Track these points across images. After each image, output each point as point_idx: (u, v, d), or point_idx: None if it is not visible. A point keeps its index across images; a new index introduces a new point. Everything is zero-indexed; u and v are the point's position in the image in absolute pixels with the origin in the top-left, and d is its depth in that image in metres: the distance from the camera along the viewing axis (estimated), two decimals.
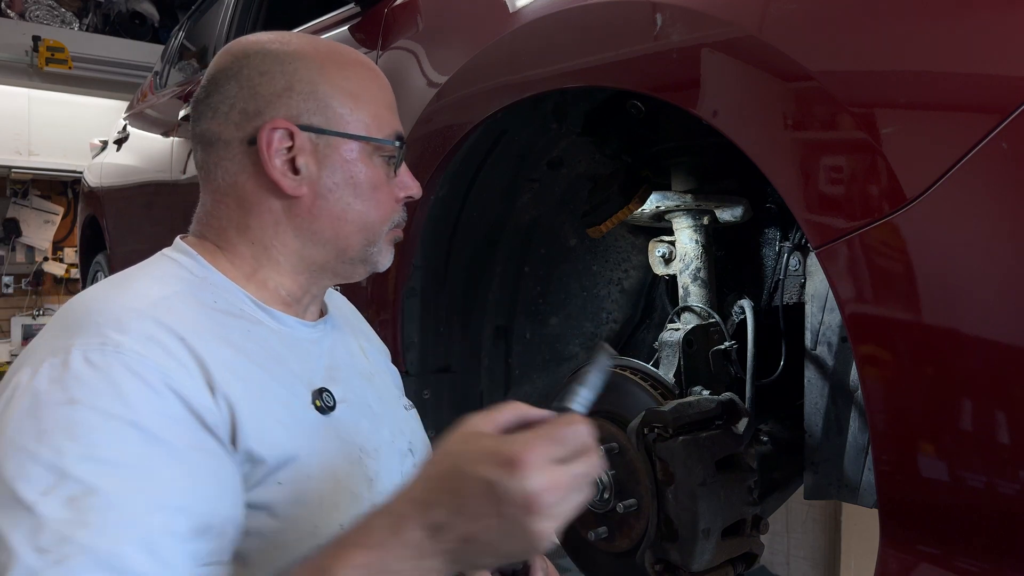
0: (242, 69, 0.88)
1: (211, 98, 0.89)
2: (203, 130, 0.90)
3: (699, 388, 1.30)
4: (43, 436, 0.68)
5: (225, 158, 0.89)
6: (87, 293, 0.83)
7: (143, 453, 0.70)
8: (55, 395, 0.70)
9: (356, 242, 0.93)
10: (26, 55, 5.80)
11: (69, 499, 0.65)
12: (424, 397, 1.63)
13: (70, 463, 0.67)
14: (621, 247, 1.73)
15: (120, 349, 0.73)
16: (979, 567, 0.78)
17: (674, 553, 1.16)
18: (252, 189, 0.89)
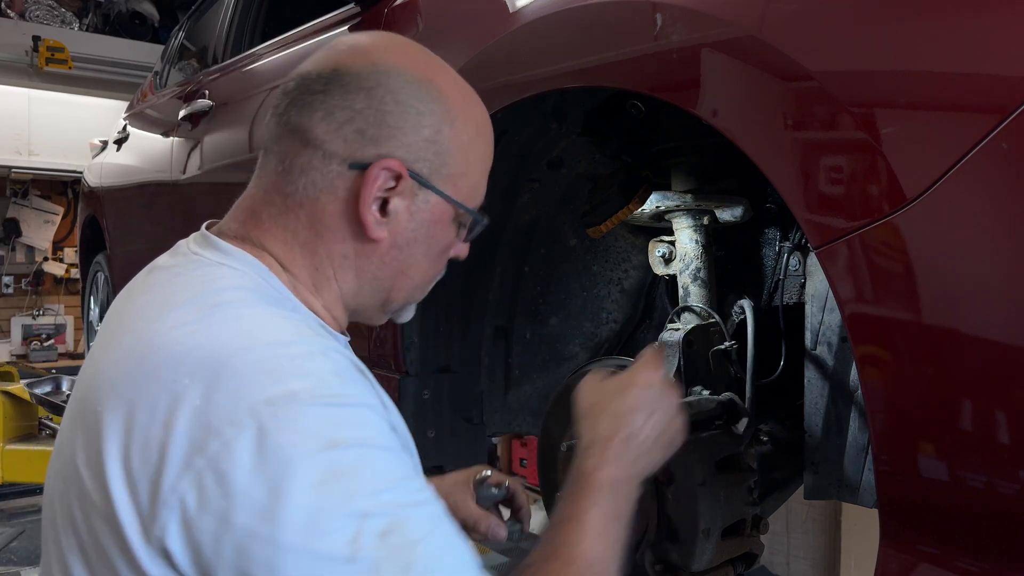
0: (379, 86, 0.79)
1: (331, 97, 0.79)
2: (305, 125, 0.79)
3: (699, 388, 1.30)
4: (321, 487, 0.64)
5: (316, 168, 0.79)
6: (212, 335, 0.70)
7: (401, 469, 0.70)
8: (310, 444, 0.65)
9: (404, 296, 0.90)
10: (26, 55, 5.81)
11: (381, 534, 0.64)
12: (424, 397, 1.63)
13: (364, 503, 0.65)
14: (621, 247, 1.73)
15: (345, 384, 0.71)
16: (979, 567, 0.78)
17: (674, 553, 1.16)
18: (333, 214, 0.80)
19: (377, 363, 1.70)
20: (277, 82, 2.26)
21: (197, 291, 0.75)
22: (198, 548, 0.64)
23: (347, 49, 0.82)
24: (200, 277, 0.78)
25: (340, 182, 0.80)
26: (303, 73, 0.82)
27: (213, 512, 0.63)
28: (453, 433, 1.68)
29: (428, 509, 0.69)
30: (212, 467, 0.63)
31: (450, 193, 0.84)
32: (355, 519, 0.64)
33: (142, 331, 0.73)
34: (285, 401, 0.65)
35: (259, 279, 0.79)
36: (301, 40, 2.20)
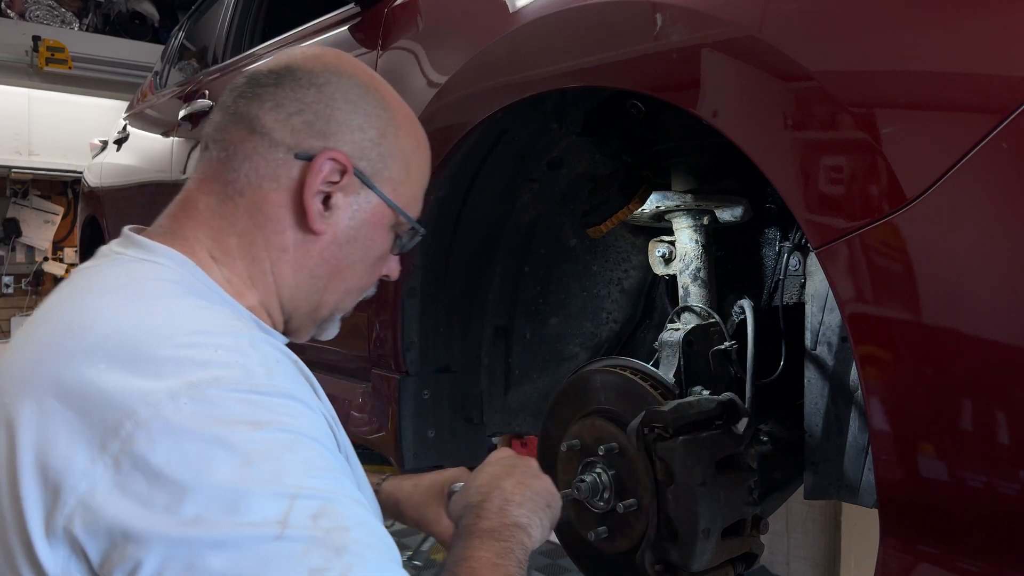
0: (330, 83, 0.83)
1: (281, 89, 0.82)
2: (253, 114, 0.81)
3: (699, 388, 1.30)
4: (246, 467, 0.62)
5: (261, 155, 0.81)
6: (128, 320, 0.69)
7: (333, 462, 0.69)
8: (235, 424, 0.63)
9: (334, 303, 0.90)
10: (26, 55, 5.81)
11: (312, 516, 0.62)
12: (424, 397, 1.63)
13: (291, 484, 0.63)
14: (621, 247, 1.73)
15: (255, 375, 0.68)
16: (979, 567, 0.78)
17: (674, 553, 1.16)
18: (275, 203, 0.81)
19: (377, 363, 1.70)
20: None
21: (119, 283, 0.75)
22: (108, 536, 0.61)
23: (300, 53, 0.87)
24: (122, 272, 0.77)
25: (284, 171, 0.81)
26: (253, 71, 0.85)
27: (131, 497, 0.60)
28: (453, 433, 1.68)
29: (359, 504, 0.68)
30: (127, 451, 0.61)
31: (391, 197, 0.86)
32: (284, 498, 0.62)
33: (57, 321, 0.72)
34: (207, 385, 0.64)
35: (185, 273, 0.78)
36: (301, 40, 2.20)
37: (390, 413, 1.64)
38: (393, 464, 1.69)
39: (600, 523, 1.26)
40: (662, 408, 1.17)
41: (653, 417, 1.16)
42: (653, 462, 1.16)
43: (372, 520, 0.68)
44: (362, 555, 0.63)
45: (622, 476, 1.22)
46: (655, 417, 1.16)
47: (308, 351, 2.14)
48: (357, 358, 1.82)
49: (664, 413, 1.16)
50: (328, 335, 0.94)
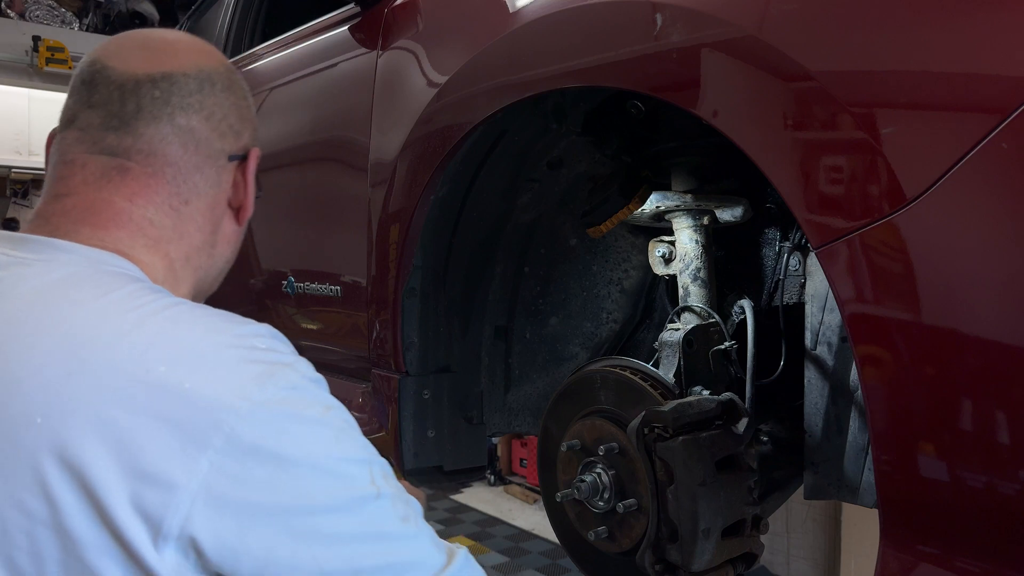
0: (234, 84, 0.87)
1: (204, 96, 0.84)
2: (191, 125, 0.83)
3: (699, 388, 1.30)
4: (337, 441, 0.71)
5: (207, 165, 0.85)
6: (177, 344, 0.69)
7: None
8: (314, 409, 0.71)
9: (215, 287, 0.94)
10: (26, 55, 5.82)
11: (383, 475, 0.73)
12: (424, 397, 1.63)
13: (364, 452, 0.74)
14: (621, 247, 1.73)
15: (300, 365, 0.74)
16: (979, 567, 0.78)
17: (674, 553, 1.16)
18: (219, 202, 0.88)
19: (377, 363, 1.70)
20: (277, 82, 2.27)
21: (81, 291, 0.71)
22: (223, 532, 0.64)
23: (198, 50, 0.88)
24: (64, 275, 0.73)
25: (225, 175, 0.88)
26: (172, 75, 0.83)
27: (247, 483, 0.64)
28: (453, 433, 1.68)
29: None
30: (233, 440, 0.64)
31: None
32: (365, 464, 0.72)
33: (54, 335, 0.67)
34: (281, 374, 0.69)
35: (139, 278, 0.77)
36: (301, 40, 2.20)
37: (390, 413, 1.64)
38: (393, 464, 1.70)
39: (600, 523, 1.26)
40: (662, 408, 1.17)
41: (653, 417, 1.16)
42: (653, 462, 1.16)
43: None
44: (410, 500, 0.76)
45: (622, 476, 1.22)
46: (655, 417, 1.16)
47: (308, 351, 2.14)
48: (357, 358, 1.82)
49: (664, 413, 1.16)
50: None
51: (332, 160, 1.98)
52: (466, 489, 4.51)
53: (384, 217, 1.64)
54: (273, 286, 2.19)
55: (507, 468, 4.68)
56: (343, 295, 1.88)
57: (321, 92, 2.05)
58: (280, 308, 2.19)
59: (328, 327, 2.02)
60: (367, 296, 1.72)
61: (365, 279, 1.73)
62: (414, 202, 1.53)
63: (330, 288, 1.92)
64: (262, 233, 2.31)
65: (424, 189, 1.50)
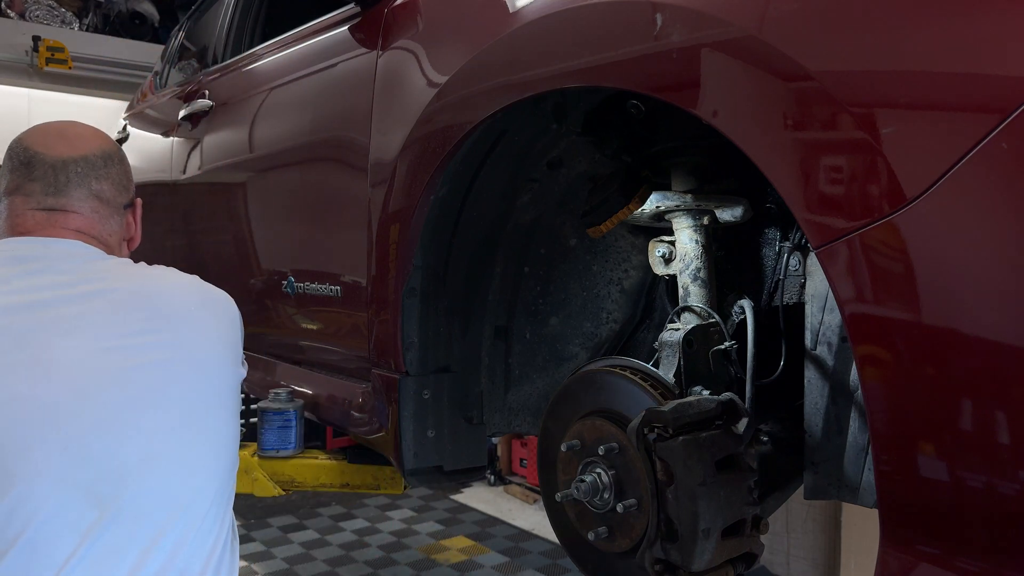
0: (123, 157, 1.33)
1: (109, 169, 1.28)
2: (102, 190, 1.26)
3: (699, 388, 1.30)
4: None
5: (114, 215, 1.29)
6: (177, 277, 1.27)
7: None
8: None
9: None
10: (26, 55, 5.81)
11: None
12: (424, 397, 1.63)
13: None
14: (621, 247, 1.73)
15: None
16: (979, 567, 0.78)
17: (674, 553, 1.16)
18: (119, 239, 1.32)
19: (377, 363, 1.70)
20: (277, 82, 2.27)
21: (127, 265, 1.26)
22: None
23: (102, 140, 1.31)
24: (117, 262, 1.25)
25: (121, 219, 1.32)
26: (92, 158, 1.27)
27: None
28: (453, 433, 1.68)
29: None
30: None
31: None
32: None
33: (134, 294, 1.19)
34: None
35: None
36: (301, 40, 2.20)
37: (390, 413, 1.64)
38: (393, 464, 1.70)
39: (600, 523, 1.26)
40: (662, 408, 1.17)
41: (653, 417, 1.16)
42: (653, 462, 1.16)
43: None
44: None
45: (622, 476, 1.22)
46: (655, 417, 1.16)
47: (308, 351, 2.14)
48: (357, 358, 1.82)
49: (664, 413, 1.16)
50: None
51: (332, 160, 1.98)
52: (466, 489, 4.51)
53: (384, 217, 1.64)
54: (273, 286, 2.19)
55: (507, 468, 4.68)
56: (343, 295, 1.88)
57: (321, 92, 2.05)
58: (280, 308, 2.19)
59: (328, 327, 2.02)
60: (367, 296, 1.72)
61: (365, 279, 1.73)
62: (414, 202, 1.53)
63: (330, 288, 1.92)
64: (262, 233, 2.31)
65: (424, 189, 1.50)
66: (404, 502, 4.25)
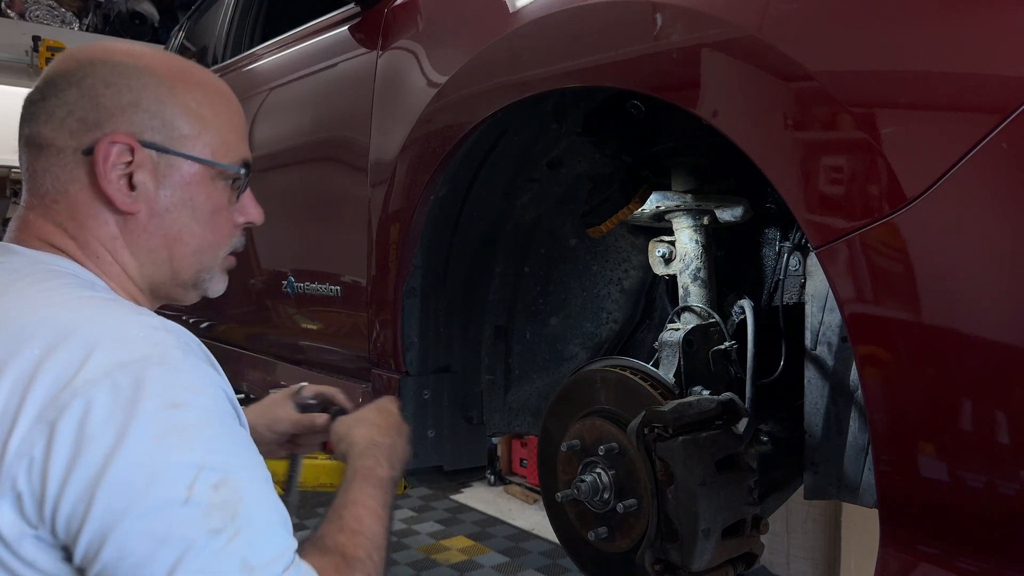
0: (86, 77, 0.86)
1: (48, 101, 0.86)
2: (33, 132, 0.87)
3: (699, 388, 1.30)
4: (162, 439, 0.72)
5: (56, 165, 0.86)
6: (60, 309, 0.78)
7: (237, 434, 0.81)
8: (156, 402, 0.73)
9: (190, 265, 0.93)
10: (26, 55, 5.81)
11: (213, 486, 0.73)
12: (424, 397, 1.63)
13: (200, 457, 0.74)
14: (621, 247, 1.73)
15: (189, 351, 0.79)
16: (979, 567, 0.78)
17: (674, 553, 1.16)
18: (84, 200, 0.86)
19: (377, 363, 1.70)
20: (277, 82, 2.27)
21: (19, 283, 0.81)
22: (43, 492, 0.70)
23: (56, 60, 0.90)
24: (18, 274, 0.83)
25: (79, 169, 0.86)
26: (28, 95, 0.89)
27: (62, 455, 0.70)
28: (453, 433, 1.68)
29: (257, 474, 0.80)
30: (66, 417, 0.71)
31: (194, 153, 0.89)
32: (191, 468, 0.73)
33: None
34: (137, 364, 0.73)
35: (75, 273, 0.85)
36: (301, 40, 2.20)
37: None
38: None
39: (600, 523, 1.26)
40: (662, 408, 1.17)
41: (653, 417, 1.16)
42: (653, 462, 1.16)
43: (266, 489, 0.80)
44: (252, 518, 0.75)
45: (622, 476, 1.22)
46: (655, 417, 1.16)
47: (308, 351, 2.14)
48: (357, 358, 1.82)
49: (664, 413, 1.16)
50: (215, 292, 0.99)
51: (332, 160, 1.98)
52: (466, 489, 4.51)
53: (384, 217, 1.64)
54: (273, 286, 2.19)
55: (507, 468, 4.68)
56: (343, 295, 1.88)
57: (321, 92, 2.05)
58: (280, 308, 2.19)
59: (328, 327, 2.02)
60: (367, 296, 1.72)
61: (365, 279, 1.73)
62: (414, 202, 1.53)
63: (330, 288, 1.92)
64: (262, 233, 2.31)
65: (424, 189, 1.50)
66: (404, 502, 4.24)
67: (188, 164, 0.89)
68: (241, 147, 0.95)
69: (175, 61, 0.92)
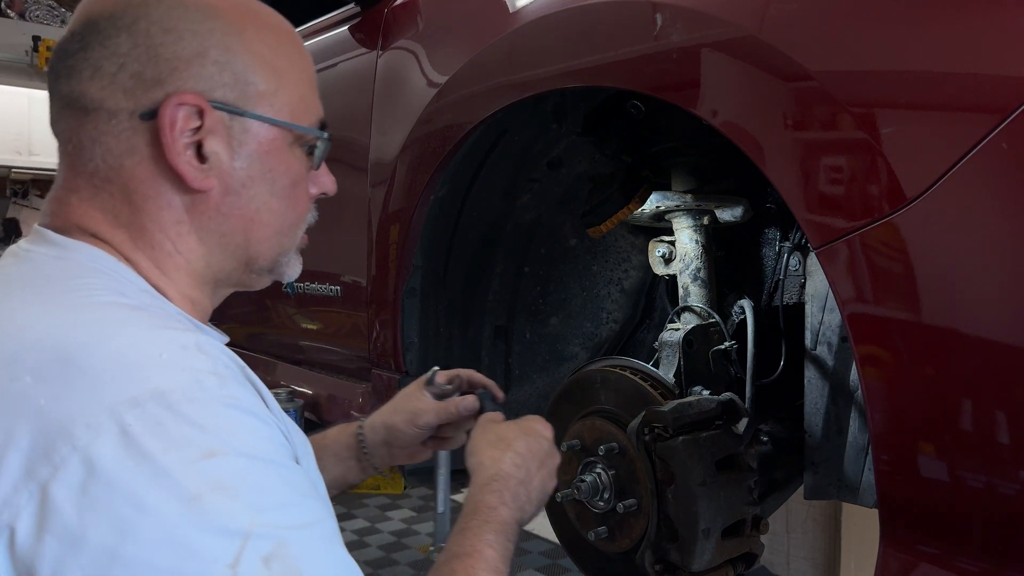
0: (138, 20, 0.68)
1: (90, 52, 0.68)
2: (75, 92, 0.69)
3: (699, 388, 1.30)
4: (196, 503, 0.55)
5: (107, 133, 0.68)
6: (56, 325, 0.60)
7: (291, 482, 0.62)
8: (184, 452, 0.56)
9: (268, 249, 0.79)
10: (26, 55, 5.81)
11: (264, 560, 0.56)
12: None
13: (245, 521, 0.56)
14: (621, 247, 1.73)
15: (222, 382, 0.61)
16: (979, 567, 0.78)
17: (674, 553, 1.16)
18: (144, 178, 0.69)
19: (377, 363, 1.70)
20: None
21: (34, 284, 0.66)
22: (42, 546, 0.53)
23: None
24: (34, 272, 0.68)
25: (139, 139, 0.69)
26: (59, 43, 0.71)
27: (58, 532, 0.53)
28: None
29: (317, 530, 0.62)
30: (60, 479, 0.53)
31: (271, 114, 0.73)
32: (235, 539, 0.55)
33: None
34: (153, 402, 0.56)
35: (108, 270, 0.69)
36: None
37: None
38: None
39: (600, 523, 1.26)
40: (662, 408, 1.17)
41: (653, 417, 1.16)
42: (653, 462, 1.16)
43: (332, 551, 0.62)
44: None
45: (622, 476, 1.22)
46: (655, 417, 1.16)
47: (308, 351, 2.14)
48: (357, 358, 1.82)
49: (664, 413, 1.16)
50: (290, 276, 0.85)
51: (332, 160, 1.96)
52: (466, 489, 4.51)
53: (384, 217, 1.64)
54: (273, 286, 2.19)
55: None
56: (343, 295, 1.88)
57: (321, 92, 2.05)
58: (280, 308, 2.19)
59: (328, 327, 2.02)
60: (367, 296, 1.72)
61: (365, 279, 1.73)
62: (414, 202, 1.53)
63: (330, 288, 1.92)
64: None
65: (424, 189, 1.50)
66: (404, 502, 4.24)
67: (266, 128, 0.72)
68: (318, 104, 0.80)
69: (244, 2, 0.75)
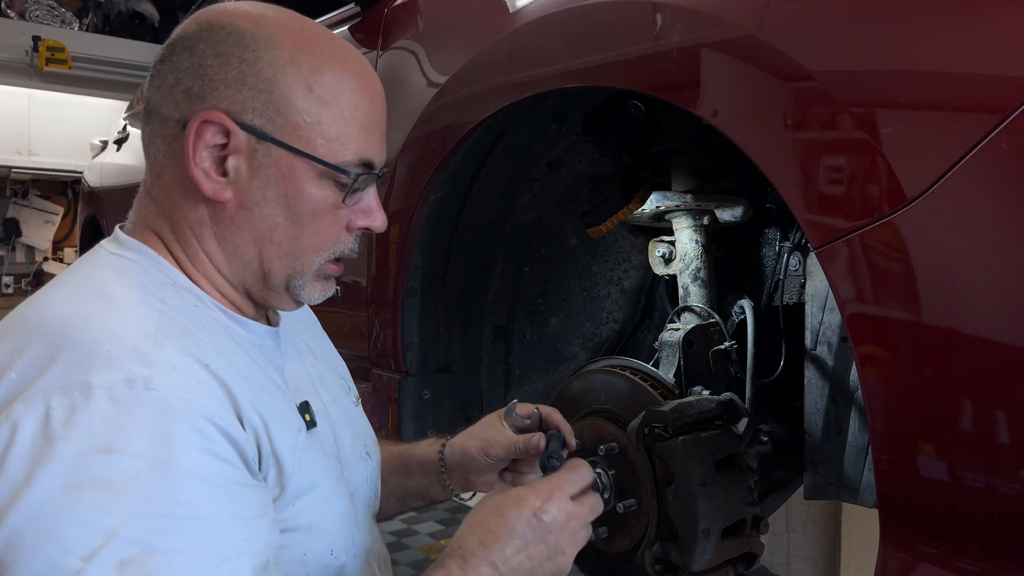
0: (199, 43, 0.77)
1: (163, 65, 0.79)
2: (148, 97, 0.80)
3: (699, 388, 1.30)
4: (75, 491, 0.59)
5: (160, 136, 0.79)
6: (62, 308, 0.70)
7: (195, 501, 0.63)
8: (82, 443, 0.60)
9: (280, 267, 0.81)
10: (26, 55, 5.81)
11: (120, 563, 0.58)
12: (424, 397, 1.63)
13: (116, 521, 0.59)
14: (621, 247, 1.73)
15: (152, 385, 0.64)
16: (979, 567, 0.78)
17: (674, 553, 1.16)
18: (176, 179, 0.78)
19: (377, 363, 1.70)
20: None
21: (69, 278, 0.77)
22: None
23: (186, 20, 0.82)
24: (81, 265, 0.79)
25: (177, 145, 0.77)
26: (157, 53, 0.83)
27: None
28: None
29: (200, 556, 0.62)
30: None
31: (298, 145, 0.77)
32: (98, 534, 0.58)
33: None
34: (78, 391, 0.62)
35: (146, 266, 0.78)
36: None
37: (390, 413, 1.64)
38: None
39: (600, 523, 1.25)
40: (662, 408, 1.17)
41: (653, 417, 1.16)
42: (653, 462, 1.16)
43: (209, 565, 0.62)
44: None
45: (622, 476, 1.22)
46: (655, 417, 1.16)
47: None
48: (357, 358, 1.82)
49: (664, 413, 1.16)
50: (313, 299, 0.87)
51: None
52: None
53: None
54: None
55: None
56: (343, 295, 1.87)
57: None
58: None
59: (328, 327, 2.01)
60: (367, 296, 1.72)
61: (365, 279, 1.73)
62: (414, 202, 1.53)
63: None
64: None
65: (424, 189, 1.50)
66: None
67: (288, 156, 0.77)
68: (364, 143, 0.81)
69: (309, 30, 0.80)
